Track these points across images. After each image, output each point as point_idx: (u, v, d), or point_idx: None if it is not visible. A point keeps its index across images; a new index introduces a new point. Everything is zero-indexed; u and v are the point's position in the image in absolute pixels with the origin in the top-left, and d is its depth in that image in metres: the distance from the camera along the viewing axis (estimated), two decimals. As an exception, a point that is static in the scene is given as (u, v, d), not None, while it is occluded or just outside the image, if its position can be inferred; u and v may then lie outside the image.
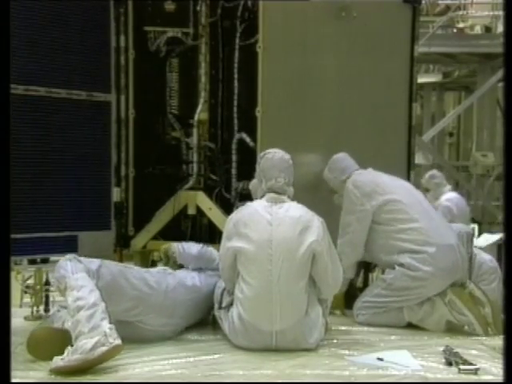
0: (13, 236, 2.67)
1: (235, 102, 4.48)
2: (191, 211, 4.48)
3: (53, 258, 4.13)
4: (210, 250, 3.87)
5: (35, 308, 3.96)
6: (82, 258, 3.21)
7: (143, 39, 4.59)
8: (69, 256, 3.20)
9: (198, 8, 4.50)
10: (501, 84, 11.25)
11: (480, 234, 7.10)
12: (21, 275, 4.00)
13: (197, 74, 4.54)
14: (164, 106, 4.62)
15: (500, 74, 10.65)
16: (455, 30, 12.63)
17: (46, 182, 4.07)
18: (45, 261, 4.30)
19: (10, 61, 3.01)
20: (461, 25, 12.79)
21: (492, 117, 12.70)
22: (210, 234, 4.44)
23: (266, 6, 4.34)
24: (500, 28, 11.83)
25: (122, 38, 4.54)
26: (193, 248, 3.84)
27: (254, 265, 3.33)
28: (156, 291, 3.41)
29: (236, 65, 4.47)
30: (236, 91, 4.47)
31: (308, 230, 3.37)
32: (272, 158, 3.57)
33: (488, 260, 4.86)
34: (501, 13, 11.95)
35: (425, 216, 4.06)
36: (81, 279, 3.06)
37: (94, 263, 3.22)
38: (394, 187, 4.20)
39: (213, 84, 4.55)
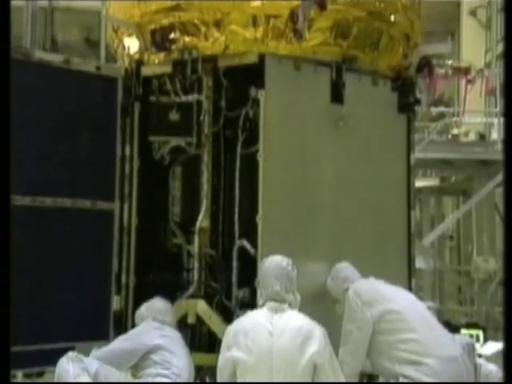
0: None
1: (236, 210, 4.55)
2: (191, 320, 4.42)
3: (49, 369, 4.04)
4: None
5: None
6: (83, 357, 3.15)
7: (148, 148, 4.73)
8: (71, 354, 3.14)
9: (202, 118, 4.66)
10: (498, 189, 11.39)
11: (485, 340, 6.95)
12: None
13: (199, 181, 4.63)
14: (166, 214, 4.69)
15: (497, 179, 10.81)
16: (450, 136, 12.95)
17: (46, 292, 4.06)
18: (40, 374, 4.20)
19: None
20: (455, 131, 13.13)
21: (491, 221, 12.78)
22: (210, 344, 4.37)
23: (266, 115, 4.49)
24: (494, 135, 12.15)
25: (128, 147, 4.67)
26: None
27: (254, 376, 3.25)
28: None
29: (237, 173, 4.57)
30: (237, 199, 4.55)
31: (309, 341, 3.31)
32: (268, 265, 3.56)
33: (494, 371, 4.74)
34: (494, 120, 12.33)
35: (426, 327, 4.02)
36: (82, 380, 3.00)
37: (93, 365, 3.16)
38: (395, 297, 4.19)
39: (214, 191, 4.63)
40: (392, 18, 4.93)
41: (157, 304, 4.14)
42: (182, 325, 4.45)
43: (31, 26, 14.01)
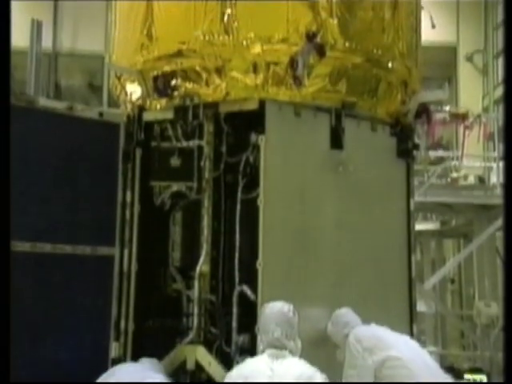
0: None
1: (236, 255, 4.54)
2: (190, 366, 4.38)
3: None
4: None
5: None
6: None
7: (148, 193, 4.75)
8: None
9: (202, 163, 4.69)
10: (499, 233, 11.37)
11: (489, 386, 6.84)
12: None
13: (199, 226, 4.64)
14: (166, 259, 4.68)
15: (498, 223, 10.80)
16: (449, 180, 12.99)
17: (44, 337, 4.03)
18: None
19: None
20: (454, 174, 13.17)
21: (492, 265, 12.71)
22: (209, 391, 4.32)
23: (266, 161, 4.53)
24: (493, 179, 12.18)
25: (129, 192, 4.70)
26: None
27: (254, 423, 3.21)
28: None
29: (237, 218, 4.58)
30: (237, 244, 4.55)
31: (310, 388, 3.28)
32: (269, 311, 3.55)
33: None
34: (493, 164, 12.38)
35: (428, 373, 3.98)
36: None
37: None
38: (396, 343, 4.15)
39: (215, 236, 4.63)
40: (390, 64, 5.01)
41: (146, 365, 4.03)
42: (181, 371, 4.40)
43: (35, 71, 14.24)
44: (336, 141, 4.82)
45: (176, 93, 4.74)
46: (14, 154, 3.28)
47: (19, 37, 14.65)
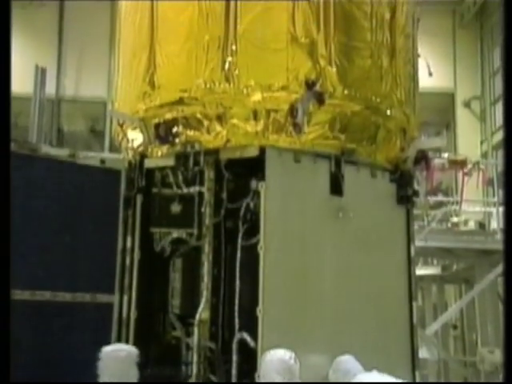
0: None
1: (236, 301, 4.51)
2: (190, 415, 4.31)
3: None
4: None
5: None
6: None
7: (149, 240, 4.75)
8: None
9: (203, 209, 4.70)
10: (500, 279, 11.31)
11: None
12: None
13: (199, 273, 4.62)
14: (166, 306, 4.65)
15: (499, 269, 10.75)
16: (449, 225, 12.99)
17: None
18: None
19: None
20: (455, 219, 13.18)
21: (495, 311, 12.59)
22: None
23: (267, 207, 4.54)
24: (493, 224, 12.18)
25: (129, 239, 4.70)
26: None
27: None
28: None
29: (238, 264, 4.57)
30: (237, 290, 4.53)
31: None
32: (270, 358, 3.52)
33: None
34: (493, 209, 12.39)
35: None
36: None
37: None
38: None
39: (215, 283, 4.61)
40: (388, 112, 5.07)
41: None
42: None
43: (38, 118, 14.40)
44: (336, 187, 4.85)
45: (177, 140, 4.79)
46: (16, 201, 3.30)
47: (23, 83, 14.90)
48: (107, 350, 3.77)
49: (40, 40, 16.60)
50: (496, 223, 11.88)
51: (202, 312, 4.52)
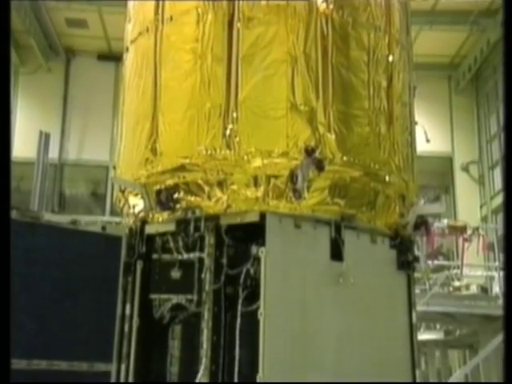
0: None
1: (236, 369, 4.44)
2: None
3: None
4: None
5: None
6: None
7: (148, 306, 4.71)
8: None
9: (203, 275, 4.68)
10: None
11: None
12: None
13: (198, 340, 4.56)
14: (164, 374, 4.57)
15: (503, 335, 10.58)
16: (451, 289, 12.88)
17: None
18: None
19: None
20: (456, 283, 13.08)
21: (500, 377, 12.34)
22: None
23: (267, 273, 4.52)
24: (496, 289, 12.09)
25: (128, 306, 4.66)
26: None
27: None
28: None
29: (238, 331, 4.52)
30: (237, 357, 4.46)
31: None
32: None
33: None
34: (495, 274, 12.32)
35: None
36: None
37: None
38: None
39: (214, 350, 4.54)
40: (387, 178, 5.12)
41: None
42: None
43: (40, 182, 14.53)
44: (336, 252, 4.85)
45: (178, 205, 4.81)
46: (16, 269, 3.30)
47: (27, 147, 15.10)
48: None
49: (45, 105, 16.94)
50: (498, 288, 11.80)
51: (201, 380, 4.44)
